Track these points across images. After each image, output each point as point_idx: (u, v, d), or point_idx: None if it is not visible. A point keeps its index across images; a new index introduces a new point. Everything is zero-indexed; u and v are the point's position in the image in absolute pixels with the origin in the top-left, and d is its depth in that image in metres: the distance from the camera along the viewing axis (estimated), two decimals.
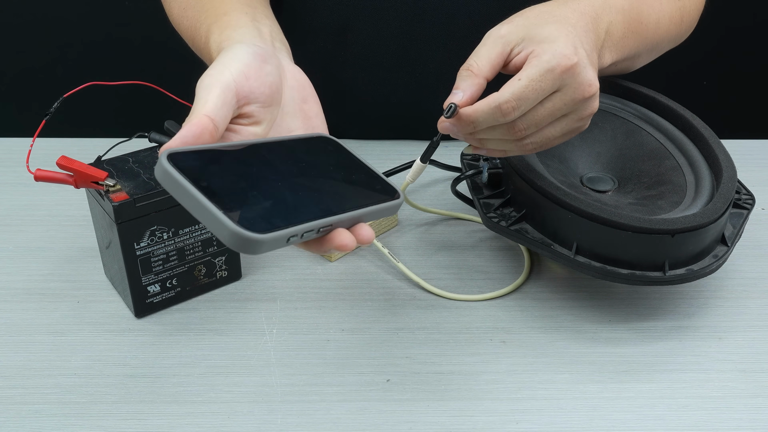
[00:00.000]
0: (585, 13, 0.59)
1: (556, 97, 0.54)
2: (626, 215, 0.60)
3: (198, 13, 0.67)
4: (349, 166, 0.49)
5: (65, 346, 0.60)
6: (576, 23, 0.57)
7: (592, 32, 0.59)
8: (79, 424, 0.54)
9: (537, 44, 0.54)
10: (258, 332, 0.62)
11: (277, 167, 0.45)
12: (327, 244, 0.43)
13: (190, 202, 0.39)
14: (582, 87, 0.54)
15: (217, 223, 0.38)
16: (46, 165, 0.60)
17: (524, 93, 0.53)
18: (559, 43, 0.54)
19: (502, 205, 0.66)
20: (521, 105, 0.53)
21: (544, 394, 0.57)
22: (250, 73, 0.47)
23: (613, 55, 0.63)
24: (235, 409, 0.55)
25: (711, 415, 0.56)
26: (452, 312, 0.65)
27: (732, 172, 0.66)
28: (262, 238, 0.38)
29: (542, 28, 0.55)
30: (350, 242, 0.43)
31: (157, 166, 0.40)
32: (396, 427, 0.54)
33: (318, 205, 0.43)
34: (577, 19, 0.57)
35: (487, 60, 0.55)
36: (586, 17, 0.59)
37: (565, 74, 0.53)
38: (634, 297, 0.67)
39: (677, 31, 0.74)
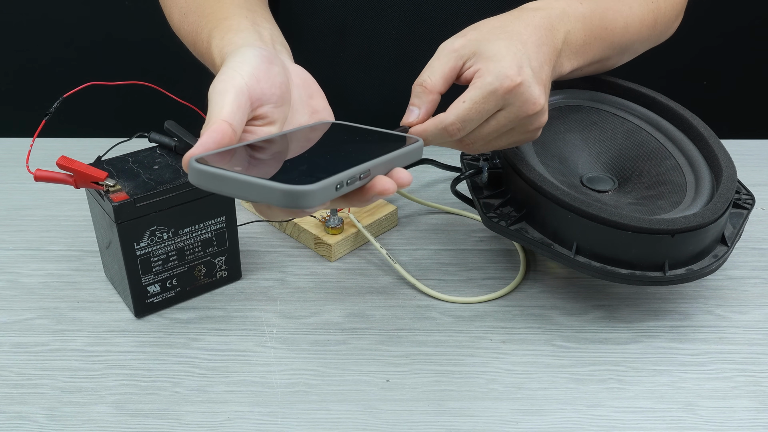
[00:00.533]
0: (539, 26, 0.59)
1: (500, 115, 0.56)
2: (626, 215, 0.60)
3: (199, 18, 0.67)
4: (366, 132, 0.53)
5: (65, 346, 0.60)
6: (527, 39, 0.58)
7: (547, 45, 0.59)
8: (79, 424, 0.54)
9: (484, 62, 0.56)
10: (258, 332, 0.62)
11: (301, 145, 0.49)
12: (370, 191, 0.46)
13: (233, 186, 0.41)
14: (526, 105, 0.56)
15: (267, 190, 0.40)
16: (46, 165, 0.60)
17: (468, 115, 0.55)
18: (504, 62, 0.55)
19: (502, 205, 0.66)
20: (466, 126, 0.55)
21: (544, 394, 0.57)
22: (260, 76, 0.49)
23: (574, 62, 0.65)
24: (235, 409, 0.55)
25: (711, 415, 0.56)
26: (452, 312, 0.65)
27: (732, 172, 0.66)
28: (313, 188, 0.40)
29: (492, 44, 0.56)
30: (390, 186, 0.46)
31: (189, 172, 0.42)
32: (396, 427, 0.54)
33: (351, 158, 0.46)
34: (530, 34, 0.58)
35: (440, 75, 0.57)
36: (540, 30, 0.59)
37: (508, 95, 0.55)
38: (634, 297, 0.67)
39: (650, 33, 0.74)
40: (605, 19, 0.67)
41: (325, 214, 0.72)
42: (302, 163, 0.45)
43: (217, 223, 0.63)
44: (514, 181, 0.65)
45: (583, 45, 0.65)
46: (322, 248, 0.71)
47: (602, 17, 0.67)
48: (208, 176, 0.41)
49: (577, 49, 0.64)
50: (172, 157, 0.63)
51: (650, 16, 0.73)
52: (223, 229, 0.64)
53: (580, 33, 0.64)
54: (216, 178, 0.41)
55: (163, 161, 0.62)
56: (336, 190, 0.43)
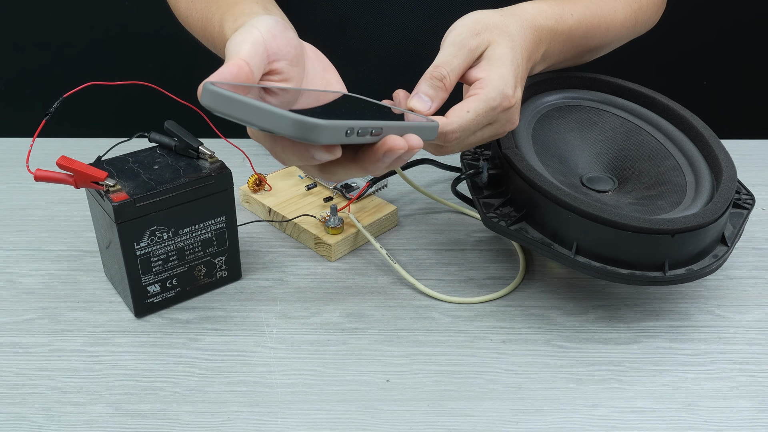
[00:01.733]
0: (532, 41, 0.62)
1: (487, 129, 0.58)
2: (626, 215, 0.60)
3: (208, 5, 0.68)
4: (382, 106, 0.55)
5: (65, 346, 0.60)
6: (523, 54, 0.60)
7: (530, 60, 0.63)
8: (79, 424, 0.54)
9: (488, 71, 0.57)
10: (258, 332, 0.62)
11: (316, 99, 0.50)
12: (381, 148, 0.46)
13: (244, 111, 0.41)
14: (509, 123, 0.59)
15: (278, 118, 0.40)
16: (46, 165, 0.60)
17: (470, 126, 0.56)
18: (506, 79, 0.57)
19: (502, 205, 0.66)
20: (463, 136, 0.56)
21: (544, 394, 0.57)
22: (276, 33, 0.50)
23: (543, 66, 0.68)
24: (235, 409, 0.55)
25: (711, 415, 0.56)
26: (452, 312, 0.65)
27: (732, 172, 0.66)
28: (324, 123, 0.41)
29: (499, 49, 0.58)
30: (401, 144, 0.46)
31: (203, 93, 0.42)
32: (396, 427, 0.54)
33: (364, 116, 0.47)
34: (524, 49, 0.61)
35: (457, 74, 0.58)
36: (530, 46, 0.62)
37: (503, 113, 0.57)
38: (634, 297, 0.67)
39: (629, 32, 0.77)
40: (588, 28, 0.70)
41: (325, 214, 0.72)
42: (317, 109, 0.46)
43: (217, 223, 0.63)
44: (514, 181, 0.65)
45: (558, 54, 0.69)
46: (322, 248, 0.71)
47: (587, 27, 0.70)
48: (222, 98, 0.41)
49: (551, 57, 0.68)
50: (172, 157, 0.63)
51: (632, 17, 0.76)
52: (223, 229, 0.64)
53: (558, 46, 0.67)
54: (229, 101, 0.41)
55: (163, 161, 0.62)
56: (346, 136, 0.43)
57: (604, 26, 0.72)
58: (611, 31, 0.74)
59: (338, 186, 0.76)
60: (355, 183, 0.77)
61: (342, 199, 0.76)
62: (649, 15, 0.79)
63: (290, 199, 0.76)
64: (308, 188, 0.78)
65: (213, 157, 0.62)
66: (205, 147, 0.63)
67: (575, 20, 0.68)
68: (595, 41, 0.72)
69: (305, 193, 0.77)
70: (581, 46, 0.71)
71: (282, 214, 0.73)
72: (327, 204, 0.75)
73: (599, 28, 0.72)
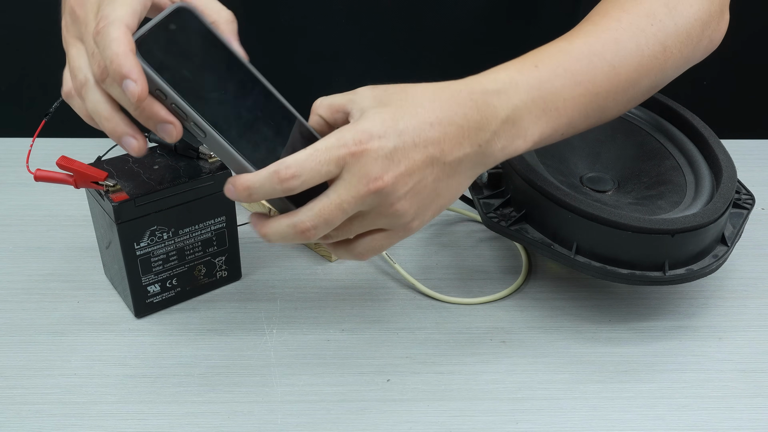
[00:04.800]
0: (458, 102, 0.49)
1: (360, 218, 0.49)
2: (626, 215, 0.60)
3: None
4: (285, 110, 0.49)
5: (65, 346, 0.60)
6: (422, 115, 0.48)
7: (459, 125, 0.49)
8: (79, 424, 0.54)
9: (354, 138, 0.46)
10: (258, 332, 0.62)
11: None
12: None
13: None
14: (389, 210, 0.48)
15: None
16: (46, 165, 0.60)
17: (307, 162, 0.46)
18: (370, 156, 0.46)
19: (502, 205, 0.66)
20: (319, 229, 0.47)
21: (544, 394, 0.57)
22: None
23: (536, 133, 0.53)
24: (235, 409, 0.55)
25: (711, 415, 0.56)
26: (452, 312, 0.65)
27: (732, 172, 0.66)
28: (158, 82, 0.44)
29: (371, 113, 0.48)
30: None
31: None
32: (396, 427, 0.54)
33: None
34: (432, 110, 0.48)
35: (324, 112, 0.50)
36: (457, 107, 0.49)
37: (371, 197, 0.47)
38: (634, 297, 0.67)
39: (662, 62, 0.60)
40: (576, 73, 0.55)
41: None
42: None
43: (217, 223, 0.63)
44: (514, 181, 0.65)
45: (542, 114, 0.53)
46: (322, 248, 0.71)
47: (571, 73, 0.55)
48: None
49: (532, 122, 0.52)
50: (172, 157, 0.63)
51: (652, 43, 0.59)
52: (223, 229, 0.64)
53: (533, 104, 0.52)
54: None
55: (163, 161, 0.62)
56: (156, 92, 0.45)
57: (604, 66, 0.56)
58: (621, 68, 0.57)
59: None
60: None
61: None
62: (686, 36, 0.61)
63: None
64: None
65: (213, 157, 0.62)
66: (205, 147, 0.63)
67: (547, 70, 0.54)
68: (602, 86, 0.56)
69: None
70: (581, 96, 0.55)
71: None
72: None
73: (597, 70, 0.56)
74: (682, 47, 0.62)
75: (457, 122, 0.49)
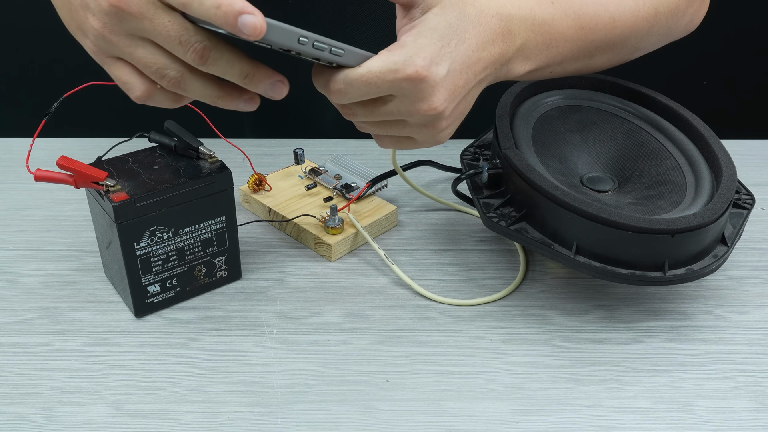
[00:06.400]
0: (490, 29, 0.54)
1: (391, 103, 0.52)
2: (626, 215, 0.60)
3: None
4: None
5: (65, 346, 0.60)
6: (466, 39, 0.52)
7: (489, 50, 0.54)
8: (79, 424, 0.54)
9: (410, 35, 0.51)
10: (258, 332, 0.62)
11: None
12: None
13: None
14: (421, 103, 0.51)
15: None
16: (46, 165, 0.60)
17: (359, 84, 0.50)
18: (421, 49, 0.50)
19: (502, 205, 0.66)
20: (350, 93, 0.50)
21: (544, 394, 0.57)
22: None
23: (530, 64, 0.59)
24: (235, 409, 0.55)
25: (711, 415, 0.56)
26: (452, 312, 0.65)
27: (732, 172, 0.66)
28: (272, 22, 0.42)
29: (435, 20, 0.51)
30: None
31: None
32: (396, 427, 0.54)
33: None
34: (474, 35, 0.53)
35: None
36: (488, 34, 0.54)
37: (408, 85, 0.50)
38: (634, 297, 0.67)
39: (650, 25, 0.67)
40: (582, 17, 0.61)
41: (325, 214, 0.72)
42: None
43: (217, 223, 0.63)
44: (514, 181, 0.65)
45: (546, 50, 0.59)
46: (322, 248, 0.71)
47: (578, 15, 0.61)
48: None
49: (535, 53, 0.59)
50: (172, 157, 0.63)
51: (648, 6, 0.66)
52: (223, 229, 0.64)
53: (542, 39, 0.58)
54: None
55: (163, 161, 0.62)
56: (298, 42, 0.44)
57: (606, 16, 0.63)
58: (619, 22, 0.64)
59: (338, 186, 0.76)
60: (355, 183, 0.77)
61: (342, 199, 0.76)
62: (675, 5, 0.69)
63: (290, 199, 0.76)
64: (308, 188, 0.78)
65: (213, 157, 0.62)
66: (205, 147, 0.63)
67: (560, 9, 0.59)
68: (598, 33, 0.63)
69: (305, 193, 0.77)
70: (579, 41, 0.61)
71: (282, 214, 0.73)
72: (327, 204, 0.75)
73: (599, 18, 0.62)
74: (669, 16, 0.69)
75: (489, 49, 0.54)
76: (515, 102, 0.72)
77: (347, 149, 0.88)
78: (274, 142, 0.90)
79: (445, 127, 0.55)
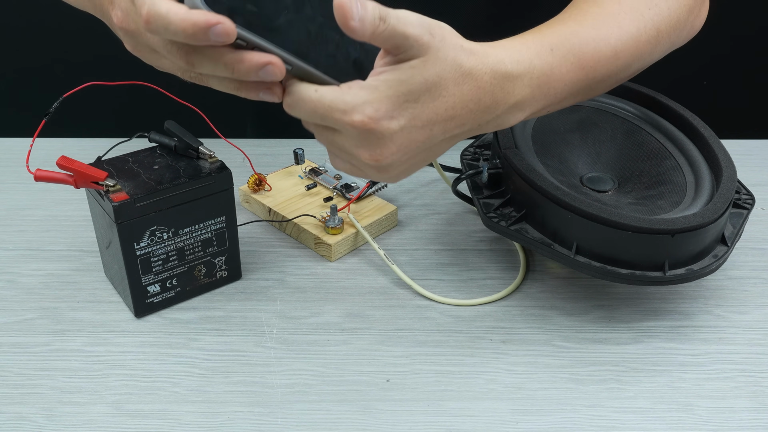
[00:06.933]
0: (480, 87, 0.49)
1: (335, 137, 0.49)
2: (626, 215, 0.60)
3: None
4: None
5: (65, 346, 0.60)
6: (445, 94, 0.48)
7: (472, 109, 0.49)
8: (79, 424, 0.54)
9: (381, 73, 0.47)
10: (258, 332, 0.62)
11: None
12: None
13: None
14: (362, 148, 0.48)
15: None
16: (46, 165, 0.60)
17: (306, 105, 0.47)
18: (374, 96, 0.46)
19: (502, 205, 0.66)
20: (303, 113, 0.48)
21: (544, 394, 0.57)
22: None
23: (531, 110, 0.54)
24: (235, 409, 0.55)
25: (711, 415, 0.56)
26: (452, 312, 0.65)
27: (732, 172, 0.66)
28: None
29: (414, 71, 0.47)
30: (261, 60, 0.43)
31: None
32: (396, 427, 0.54)
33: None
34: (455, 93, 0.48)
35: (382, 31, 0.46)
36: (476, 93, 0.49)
37: (347, 127, 0.47)
38: (634, 297, 0.67)
39: (653, 47, 0.63)
40: (582, 58, 0.57)
41: (325, 214, 0.72)
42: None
43: (217, 223, 0.63)
44: (514, 181, 0.65)
45: (542, 97, 0.55)
46: (322, 248, 0.71)
47: (578, 57, 0.56)
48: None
49: (531, 104, 0.54)
50: (172, 157, 0.63)
51: (649, 28, 0.62)
52: (223, 229, 0.64)
53: (539, 90, 0.54)
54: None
55: (163, 161, 0.62)
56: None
57: (608, 50, 0.58)
58: (622, 52, 0.59)
59: (338, 186, 0.76)
60: (355, 183, 0.77)
61: (342, 199, 0.76)
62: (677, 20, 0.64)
63: (290, 199, 0.76)
64: (308, 188, 0.78)
65: (213, 157, 0.62)
66: (205, 147, 0.63)
67: (559, 55, 0.55)
68: (601, 67, 0.58)
69: (305, 193, 0.77)
70: (580, 81, 0.57)
71: (282, 214, 0.73)
72: (327, 204, 0.75)
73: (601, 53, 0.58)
74: (671, 32, 0.64)
75: (470, 107, 0.49)
76: None
77: None
78: (274, 142, 0.90)
79: (396, 175, 0.51)
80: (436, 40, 0.47)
